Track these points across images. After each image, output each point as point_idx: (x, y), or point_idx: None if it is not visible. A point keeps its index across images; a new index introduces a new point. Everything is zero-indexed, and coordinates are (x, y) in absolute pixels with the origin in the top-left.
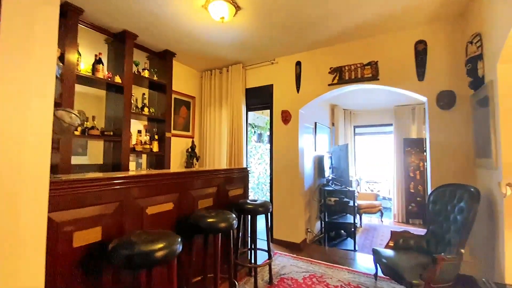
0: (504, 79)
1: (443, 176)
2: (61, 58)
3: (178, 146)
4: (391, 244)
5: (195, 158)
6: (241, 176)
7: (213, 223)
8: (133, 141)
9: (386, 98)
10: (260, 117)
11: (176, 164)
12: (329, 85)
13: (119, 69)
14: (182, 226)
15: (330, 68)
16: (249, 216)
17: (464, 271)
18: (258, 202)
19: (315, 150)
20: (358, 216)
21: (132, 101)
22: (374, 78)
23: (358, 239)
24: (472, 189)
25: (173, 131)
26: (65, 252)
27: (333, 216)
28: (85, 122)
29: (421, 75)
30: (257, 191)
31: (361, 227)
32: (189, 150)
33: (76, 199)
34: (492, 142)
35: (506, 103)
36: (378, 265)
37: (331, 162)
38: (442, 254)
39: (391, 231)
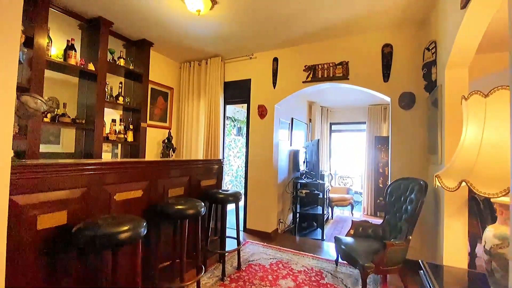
0: (450, 83)
1: (402, 170)
2: (30, 42)
3: (154, 137)
4: (352, 232)
5: (171, 149)
6: (214, 167)
7: (181, 210)
8: (107, 130)
9: (361, 97)
10: (240, 111)
11: (152, 154)
12: (303, 82)
13: (93, 56)
14: (151, 213)
15: (305, 66)
16: (221, 205)
17: (414, 257)
18: (229, 192)
19: (291, 145)
20: (330, 208)
21: (106, 89)
22: (344, 77)
23: (328, 229)
24: (421, 182)
25: (149, 122)
26: (28, 234)
27: (304, 208)
28: (56, 110)
29: (386, 76)
30: (235, 184)
31: (332, 219)
32: (166, 141)
33: (41, 183)
34: (438, 140)
35: (451, 104)
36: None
37: (306, 156)
38: (392, 240)
39: (352, 220)
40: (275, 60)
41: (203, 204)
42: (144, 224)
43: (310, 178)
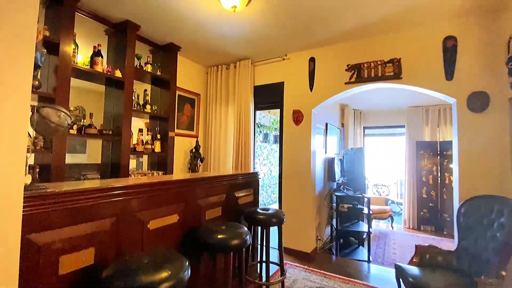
0: None
1: (474, 186)
2: (56, 48)
3: (181, 146)
4: (416, 260)
5: (199, 159)
6: (251, 181)
7: (223, 240)
8: (134, 141)
9: (399, 98)
10: (266, 117)
11: (180, 165)
12: (346, 83)
13: (120, 62)
14: (189, 241)
15: (348, 65)
16: (260, 227)
17: None
18: (270, 211)
19: (326, 153)
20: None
21: (133, 97)
22: (396, 76)
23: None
24: None
25: (176, 130)
26: (50, 282)
27: (344, 223)
28: (83, 120)
29: (449, 74)
30: (261, 193)
31: (371, 233)
32: (193, 150)
33: (64, 215)
34: None
35: None
36: (400, 282)
37: (343, 165)
38: (482, 277)
39: (416, 245)
40: (312, 60)
41: (247, 230)
42: (187, 264)
43: (351, 190)
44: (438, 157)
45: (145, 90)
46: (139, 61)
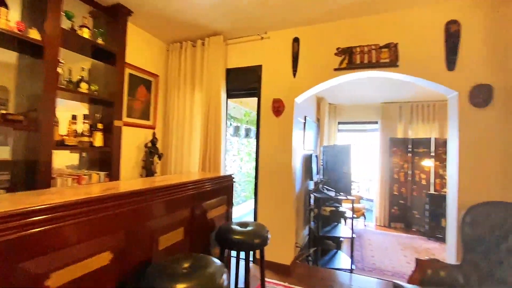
0: None
1: (478, 190)
2: None
3: (133, 139)
4: (417, 276)
5: (156, 156)
6: (223, 187)
7: None
8: (63, 131)
9: (374, 93)
10: (237, 107)
11: (131, 163)
12: (335, 69)
13: (39, 20)
14: None
15: (337, 49)
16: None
17: None
18: (250, 228)
19: (304, 149)
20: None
21: (61, 71)
22: (392, 64)
23: (346, 250)
24: None
25: (126, 119)
26: None
27: (324, 228)
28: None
29: (451, 63)
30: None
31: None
32: (149, 144)
33: None
34: None
35: None
36: None
37: (323, 162)
38: None
39: (416, 259)
40: (296, 40)
41: (221, 266)
42: None
43: (332, 190)
44: (410, 154)
45: (82, 68)
46: (71, 22)
